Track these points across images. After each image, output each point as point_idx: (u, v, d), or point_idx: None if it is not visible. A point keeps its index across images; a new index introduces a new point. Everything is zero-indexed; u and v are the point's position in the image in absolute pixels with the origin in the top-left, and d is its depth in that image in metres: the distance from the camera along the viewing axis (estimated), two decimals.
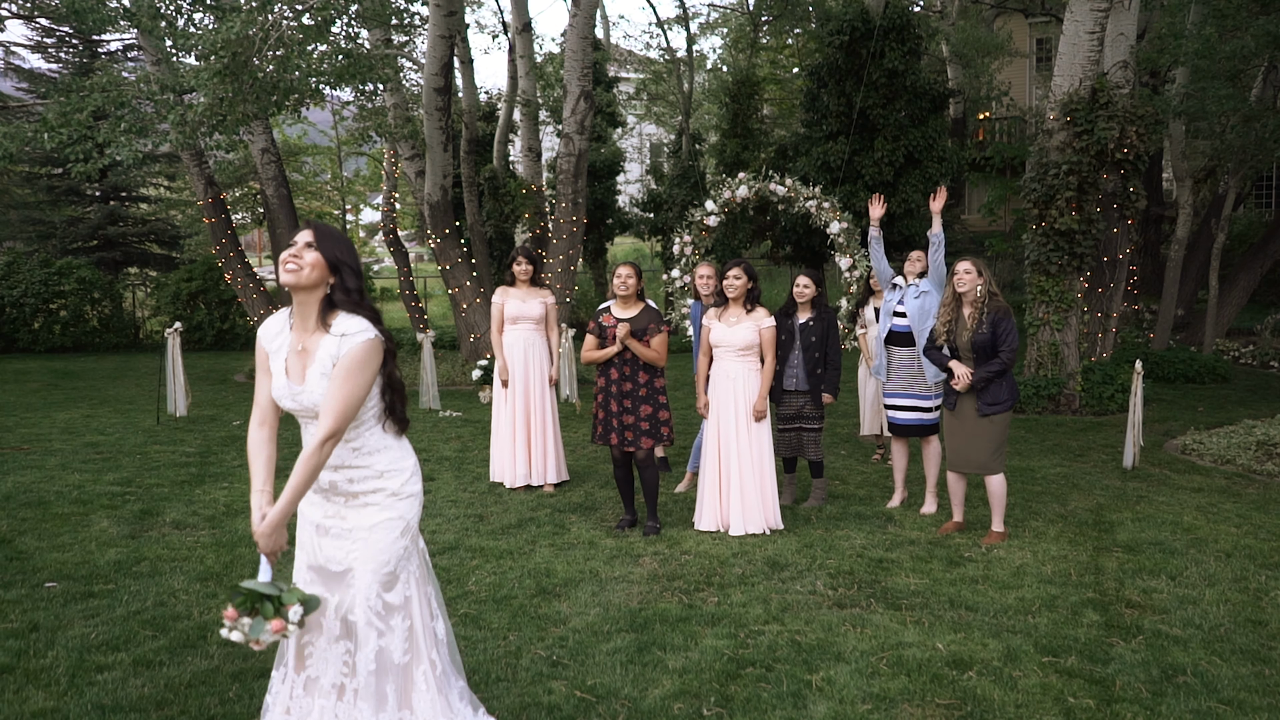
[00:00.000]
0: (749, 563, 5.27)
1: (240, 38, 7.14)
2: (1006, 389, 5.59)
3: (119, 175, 19.18)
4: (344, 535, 2.96)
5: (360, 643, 2.94)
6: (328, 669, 2.95)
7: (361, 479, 2.96)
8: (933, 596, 4.72)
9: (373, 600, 2.94)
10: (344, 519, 2.97)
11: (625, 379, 5.82)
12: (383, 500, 2.98)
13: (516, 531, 5.89)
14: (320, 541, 2.98)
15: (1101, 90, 9.91)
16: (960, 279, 5.68)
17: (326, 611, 2.96)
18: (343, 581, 2.95)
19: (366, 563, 2.94)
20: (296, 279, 2.81)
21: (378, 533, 2.95)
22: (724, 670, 3.85)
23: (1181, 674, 3.86)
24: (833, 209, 9.55)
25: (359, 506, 2.96)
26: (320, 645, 2.95)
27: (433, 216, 12.45)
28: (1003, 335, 5.53)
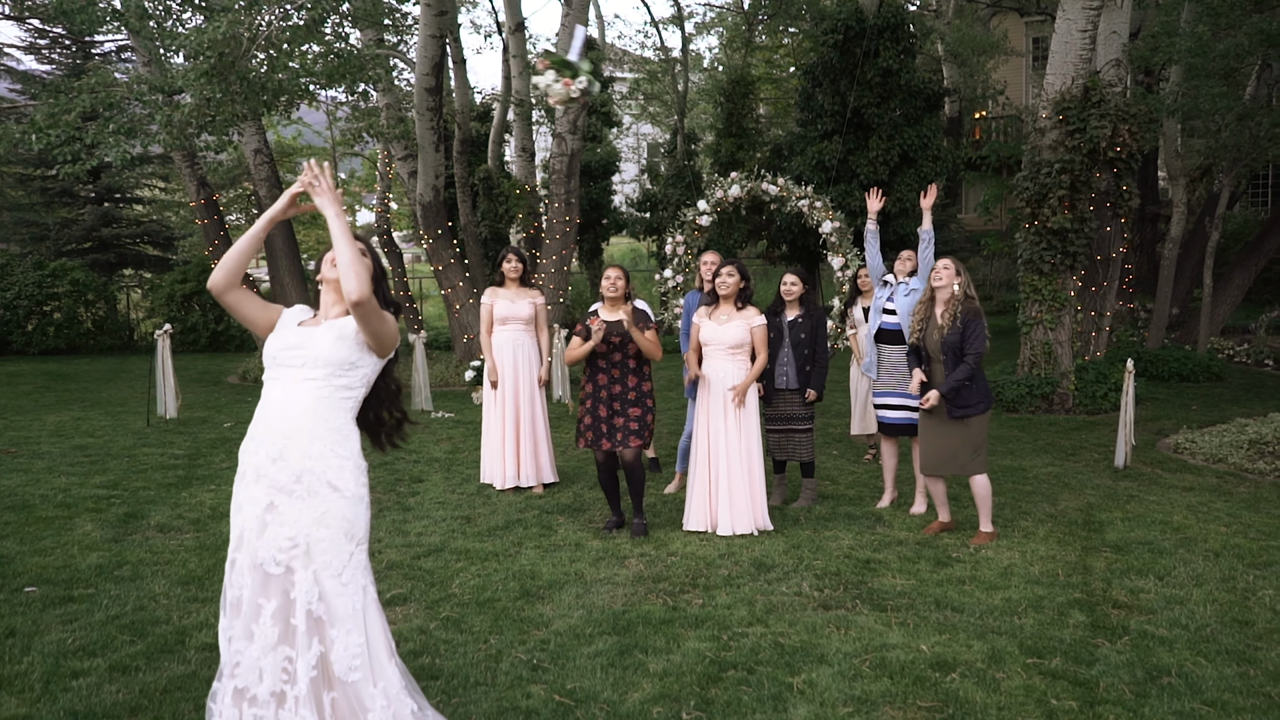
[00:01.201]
0: (735, 564, 5.24)
1: (226, 38, 7.11)
2: (978, 392, 5.57)
3: (113, 177, 19.15)
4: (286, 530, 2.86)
5: (301, 648, 2.85)
6: (265, 678, 2.84)
7: (318, 455, 2.90)
8: (919, 597, 4.69)
9: (314, 604, 2.87)
10: (283, 512, 2.87)
11: (615, 381, 5.79)
12: (326, 493, 2.90)
13: (503, 533, 5.85)
14: (258, 544, 2.88)
15: (1094, 89, 9.89)
16: (939, 274, 5.69)
17: (261, 618, 2.86)
18: (276, 586, 2.87)
19: (304, 565, 2.87)
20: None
21: (322, 530, 2.88)
22: (705, 673, 3.82)
23: (1166, 675, 3.83)
24: (825, 208, 9.51)
25: (303, 497, 2.87)
26: (252, 654, 2.85)
27: (425, 217, 12.42)
28: (970, 337, 5.52)
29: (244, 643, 2.86)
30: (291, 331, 2.98)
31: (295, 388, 2.93)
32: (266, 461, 2.90)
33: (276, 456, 2.89)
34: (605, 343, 5.76)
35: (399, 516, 6.23)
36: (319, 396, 2.94)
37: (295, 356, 2.94)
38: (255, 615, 2.86)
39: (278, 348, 2.96)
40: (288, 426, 2.91)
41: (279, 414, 2.92)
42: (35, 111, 9.07)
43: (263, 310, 3.01)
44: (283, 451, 2.89)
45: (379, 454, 3.33)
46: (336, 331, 2.95)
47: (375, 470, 7.57)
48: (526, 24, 14.56)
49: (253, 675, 2.84)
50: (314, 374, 2.94)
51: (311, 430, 2.92)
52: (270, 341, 2.98)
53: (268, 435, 2.91)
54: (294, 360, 2.94)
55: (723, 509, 5.80)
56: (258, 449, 2.92)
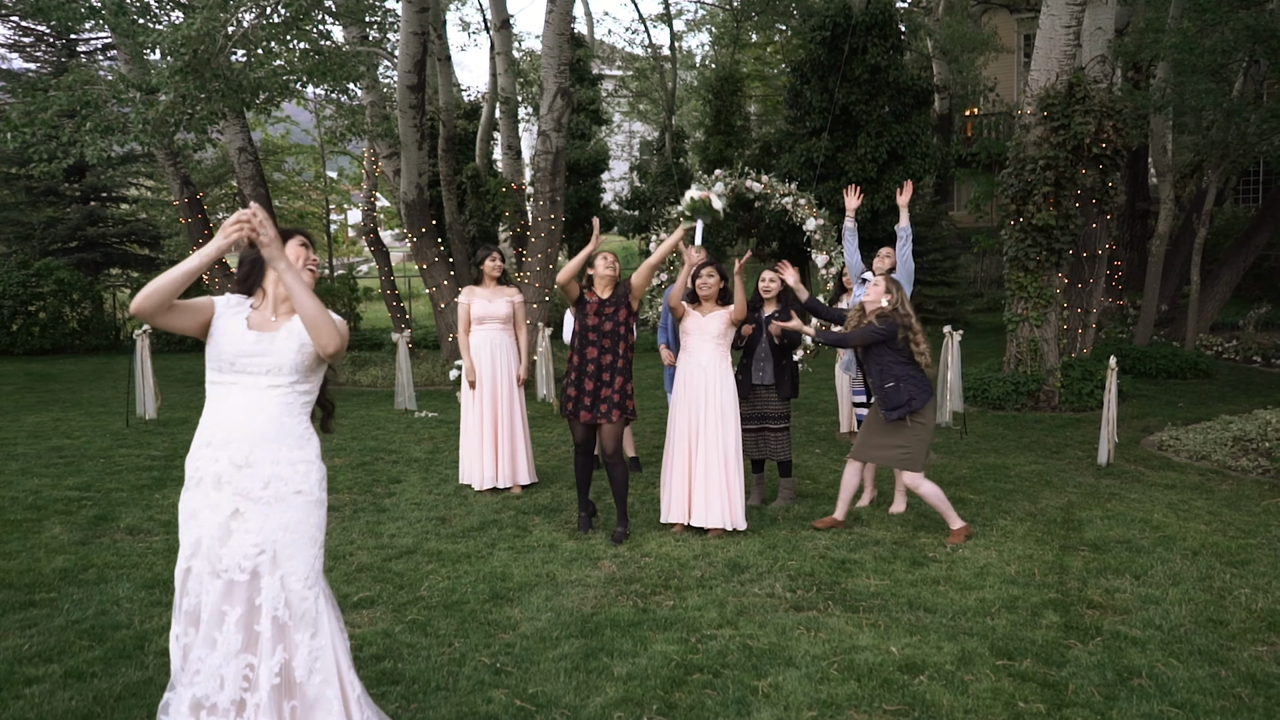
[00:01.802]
0: (710, 565, 5.19)
1: (200, 34, 7.03)
2: (904, 393, 5.55)
3: (98, 176, 19.03)
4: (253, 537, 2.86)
5: (264, 655, 2.84)
6: (226, 686, 2.82)
7: (286, 461, 2.90)
8: (892, 598, 4.64)
9: (280, 610, 2.86)
10: (250, 519, 2.86)
11: (605, 352, 5.70)
12: (292, 499, 2.90)
13: (477, 534, 5.80)
14: (222, 551, 2.86)
15: (1078, 85, 9.85)
16: (868, 291, 5.81)
17: (225, 625, 2.84)
18: (241, 592, 2.85)
19: (271, 571, 2.86)
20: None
21: (290, 536, 2.88)
22: (670, 677, 3.77)
23: (1137, 676, 3.78)
24: (809, 205, 9.46)
25: (270, 503, 2.87)
26: (213, 662, 2.83)
27: (409, 215, 12.34)
28: (861, 330, 5.60)
29: (205, 650, 2.83)
30: (245, 336, 2.90)
31: (258, 394, 2.90)
32: (231, 469, 2.87)
33: (242, 463, 2.87)
34: (598, 315, 5.70)
35: (373, 518, 6.17)
36: (283, 403, 2.94)
37: (258, 364, 2.90)
38: (218, 623, 2.84)
39: (235, 353, 2.90)
40: (253, 433, 2.89)
41: (243, 420, 2.89)
42: (10, 110, 8.98)
43: (193, 315, 2.88)
44: (248, 458, 2.88)
45: (359, 456, 3.30)
46: (299, 340, 2.93)
47: (354, 471, 7.51)
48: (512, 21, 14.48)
49: (213, 683, 2.82)
50: (278, 381, 2.93)
51: (278, 436, 2.91)
52: (222, 344, 2.89)
53: (231, 442, 2.87)
54: (256, 367, 2.90)
55: (698, 499, 5.74)
56: (218, 456, 2.87)
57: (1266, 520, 6.03)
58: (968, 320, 18.69)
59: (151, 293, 2.74)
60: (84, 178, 18.94)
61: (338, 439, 8.88)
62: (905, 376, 5.55)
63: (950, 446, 8.51)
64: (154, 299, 2.73)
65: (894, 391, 5.53)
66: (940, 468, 7.61)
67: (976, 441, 8.74)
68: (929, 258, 19.47)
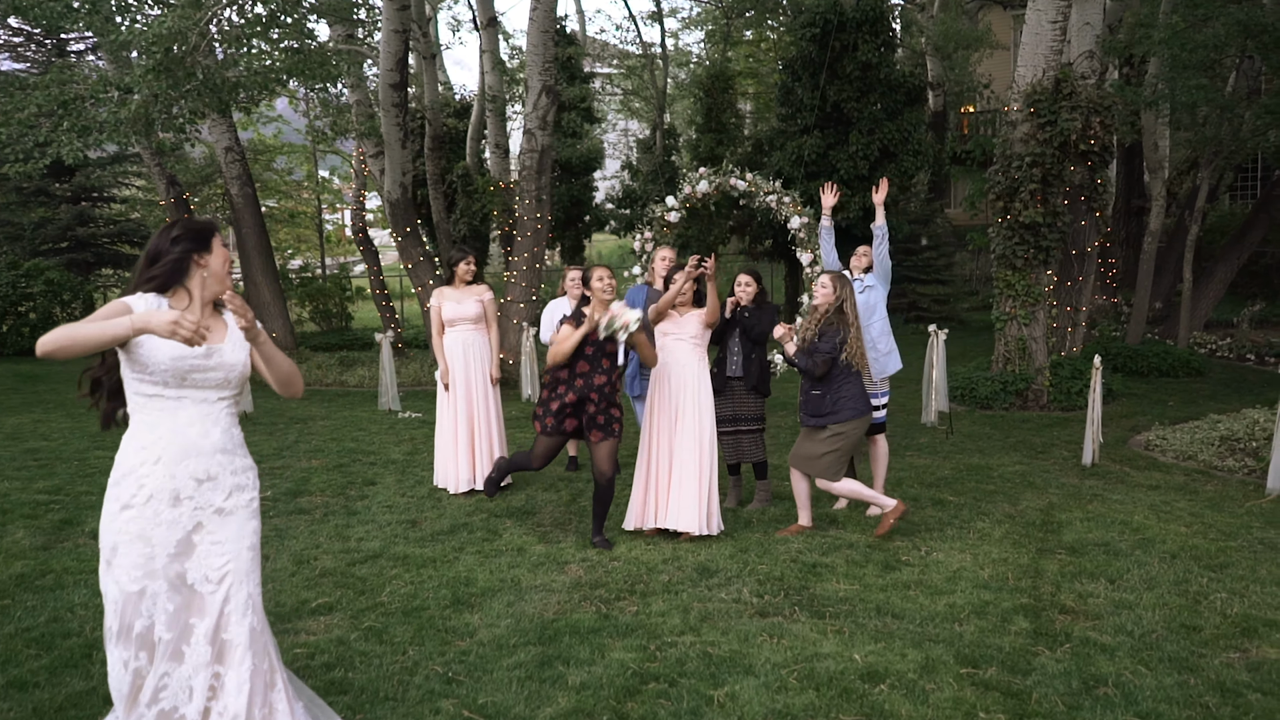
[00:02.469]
0: (678, 569, 5.10)
1: (172, 33, 6.94)
2: (828, 403, 5.50)
3: (87, 176, 18.98)
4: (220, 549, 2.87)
5: (233, 664, 2.85)
6: (194, 697, 2.82)
7: (242, 470, 2.95)
8: (860, 604, 4.55)
9: (250, 618, 2.88)
10: (215, 532, 2.88)
11: (600, 372, 5.49)
12: (246, 510, 2.94)
13: (446, 538, 5.71)
14: (187, 565, 2.85)
15: (1065, 81, 9.75)
16: (817, 291, 5.69)
17: (193, 638, 2.84)
18: (210, 603, 2.85)
19: (241, 580, 2.89)
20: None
21: (246, 543, 2.92)
22: (625, 686, 3.68)
23: (1103, 685, 3.69)
24: (793, 204, 9.37)
25: (232, 513, 2.91)
26: (182, 674, 2.83)
27: (393, 214, 12.26)
28: (822, 343, 5.49)
29: (171, 664, 2.82)
30: (185, 350, 2.80)
31: (209, 407, 2.88)
32: (192, 484, 2.85)
33: (204, 478, 2.87)
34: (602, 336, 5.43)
35: (343, 521, 6.09)
36: (231, 413, 2.97)
37: (210, 378, 2.87)
38: (185, 636, 2.84)
39: (187, 369, 2.81)
40: (212, 447, 2.88)
41: (200, 435, 2.86)
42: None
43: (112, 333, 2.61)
44: (208, 471, 2.87)
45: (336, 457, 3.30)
46: (244, 350, 2.94)
47: (329, 473, 7.43)
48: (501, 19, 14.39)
49: (182, 695, 2.82)
50: (226, 393, 2.94)
51: (233, 447, 2.95)
52: (159, 356, 2.76)
53: (188, 458, 2.84)
54: (208, 381, 2.87)
55: (671, 501, 5.63)
56: (174, 473, 2.83)
57: (1248, 522, 5.94)
58: (962, 318, 18.61)
59: (65, 345, 2.53)
60: (74, 177, 18.87)
61: (316, 441, 8.80)
62: (841, 388, 5.48)
63: (935, 447, 8.42)
64: (67, 353, 2.55)
65: (819, 400, 5.49)
66: (923, 468, 7.52)
67: (962, 441, 8.65)
68: (924, 255, 19.39)
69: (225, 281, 2.93)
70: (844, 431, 5.52)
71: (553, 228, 19.49)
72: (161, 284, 2.83)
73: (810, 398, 5.55)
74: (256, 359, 2.97)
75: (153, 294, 2.81)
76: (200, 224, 2.91)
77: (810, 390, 5.55)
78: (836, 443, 5.51)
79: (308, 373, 13.21)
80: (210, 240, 2.89)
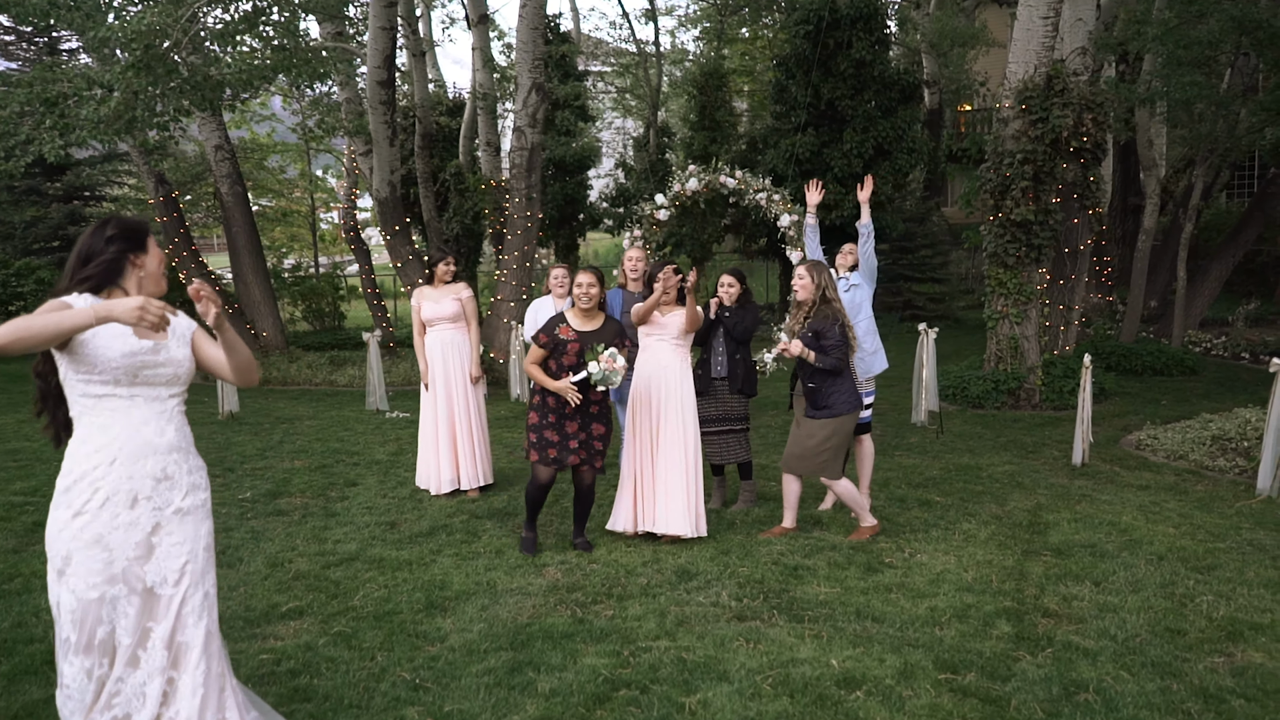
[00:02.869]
0: (657, 571, 5.02)
1: (152, 29, 6.86)
2: (834, 395, 5.41)
3: (78, 175, 18.88)
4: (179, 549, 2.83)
5: (188, 668, 2.81)
6: (148, 703, 2.78)
7: (196, 469, 2.92)
8: (840, 607, 4.47)
9: (207, 620, 2.84)
10: (174, 533, 2.84)
11: (588, 401, 5.28)
12: (202, 510, 2.90)
13: (425, 540, 5.63)
14: (146, 568, 2.80)
15: (1057, 77, 9.66)
16: (795, 284, 5.59)
17: (150, 642, 2.78)
18: (168, 606, 2.81)
19: (199, 581, 2.85)
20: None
21: (202, 544, 2.88)
22: (596, 693, 3.61)
23: (1084, 691, 3.62)
24: (783, 201, 9.29)
25: (189, 513, 2.87)
26: (136, 680, 2.79)
27: (382, 213, 12.19)
28: (826, 345, 5.40)
29: (127, 670, 2.77)
30: (140, 344, 2.76)
31: (161, 404, 2.84)
32: (149, 484, 2.80)
33: (161, 477, 2.82)
34: (578, 358, 5.19)
35: (321, 523, 6.01)
36: (182, 410, 2.93)
37: (160, 374, 2.82)
38: (143, 640, 2.79)
39: (139, 365, 2.76)
40: (168, 445, 2.84)
41: (157, 433, 2.82)
42: None
43: (71, 323, 2.56)
44: (165, 470, 2.83)
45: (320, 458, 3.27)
46: (188, 345, 2.90)
47: (311, 474, 7.35)
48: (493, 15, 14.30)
49: (135, 701, 2.77)
50: (176, 390, 2.89)
51: (187, 445, 2.92)
52: (107, 354, 2.70)
53: (146, 457, 2.79)
54: (158, 378, 2.82)
55: (660, 505, 5.56)
56: (132, 473, 2.77)
57: (1238, 523, 5.87)
58: (957, 317, 18.53)
59: (21, 337, 2.46)
60: (65, 176, 18.77)
61: (300, 441, 8.72)
62: (836, 381, 5.41)
63: (925, 446, 8.34)
64: (22, 346, 2.47)
65: (813, 393, 5.41)
66: (911, 468, 7.45)
67: (952, 441, 8.57)
68: (919, 254, 19.29)
69: (161, 282, 2.87)
70: (837, 426, 5.45)
71: (547, 226, 19.38)
72: (96, 284, 2.76)
73: (807, 391, 5.48)
74: (204, 352, 2.91)
75: (88, 294, 2.73)
76: (135, 223, 2.84)
77: (808, 384, 5.46)
78: (830, 440, 5.44)
79: (298, 372, 13.13)
80: (145, 240, 2.83)
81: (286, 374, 13.10)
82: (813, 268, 5.51)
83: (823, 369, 5.39)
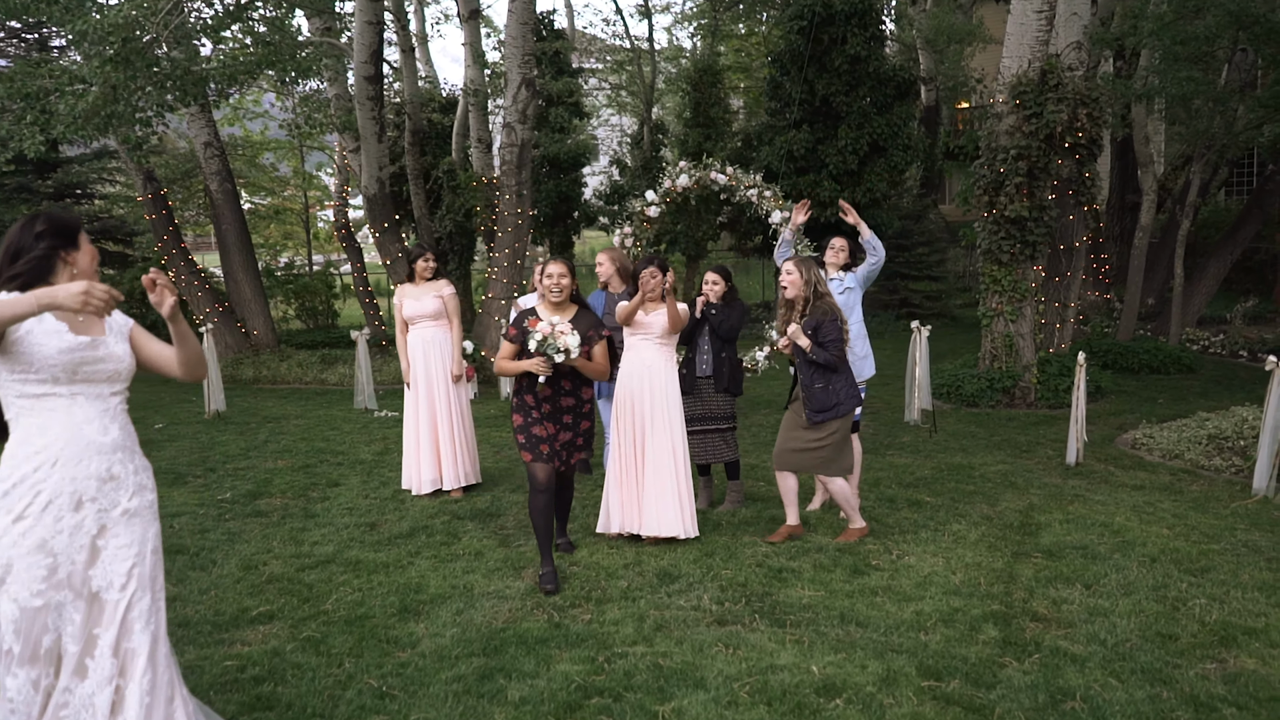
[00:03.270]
0: (639, 574, 4.91)
1: (128, 22, 6.74)
2: (834, 396, 5.29)
3: (68, 172, 18.76)
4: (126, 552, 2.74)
5: (134, 675, 2.72)
6: (95, 715, 2.70)
7: (142, 469, 2.83)
8: (824, 611, 4.36)
9: (154, 626, 2.77)
10: (120, 535, 2.75)
11: (565, 394, 4.97)
12: (150, 511, 2.82)
13: (404, 541, 5.53)
14: (91, 572, 2.71)
15: (1051, 72, 9.55)
16: (784, 281, 5.46)
17: (98, 650, 2.68)
18: (114, 611, 2.72)
19: (146, 585, 2.77)
20: None
21: (150, 546, 2.80)
22: (567, 701, 3.50)
23: (1070, 699, 3.51)
24: (774, 198, 9.16)
25: (136, 514, 2.78)
26: (85, 690, 2.70)
27: (370, 210, 12.07)
28: (825, 341, 5.28)
29: (74, 680, 2.68)
30: (77, 341, 2.68)
31: (103, 402, 2.75)
32: (93, 485, 2.71)
33: (106, 478, 2.73)
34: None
35: (299, 524, 5.90)
36: (124, 409, 2.84)
37: (100, 370, 2.73)
38: (90, 648, 2.70)
39: (77, 361, 2.68)
40: (113, 443, 2.75)
41: (100, 432, 2.73)
42: None
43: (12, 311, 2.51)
44: (110, 470, 2.74)
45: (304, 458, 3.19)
46: (127, 341, 2.83)
47: (293, 474, 7.25)
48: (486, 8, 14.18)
49: (85, 713, 2.69)
50: (117, 387, 2.81)
51: (131, 444, 2.83)
52: (43, 351, 2.63)
53: (90, 458, 2.69)
54: (98, 375, 2.73)
55: (648, 508, 5.45)
56: (74, 474, 2.68)
57: (1233, 524, 5.76)
58: (954, 315, 18.42)
59: None
60: (55, 174, 18.65)
61: (286, 440, 8.61)
62: (836, 378, 5.29)
63: (917, 446, 8.23)
64: None
65: (823, 393, 5.27)
66: (902, 468, 7.34)
67: (945, 440, 8.46)
68: (916, 251, 19.18)
69: (94, 280, 2.76)
70: (841, 424, 5.34)
71: (541, 224, 19.26)
72: (25, 283, 2.67)
73: (814, 392, 5.29)
74: (146, 348, 2.82)
75: (16, 292, 2.62)
76: (66, 219, 2.74)
77: (814, 384, 5.30)
78: (834, 435, 5.32)
79: (288, 371, 13.02)
80: (77, 236, 2.73)
81: (276, 373, 12.99)
82: (801, 263, 5.40)
83: (823, 366, 5.27)
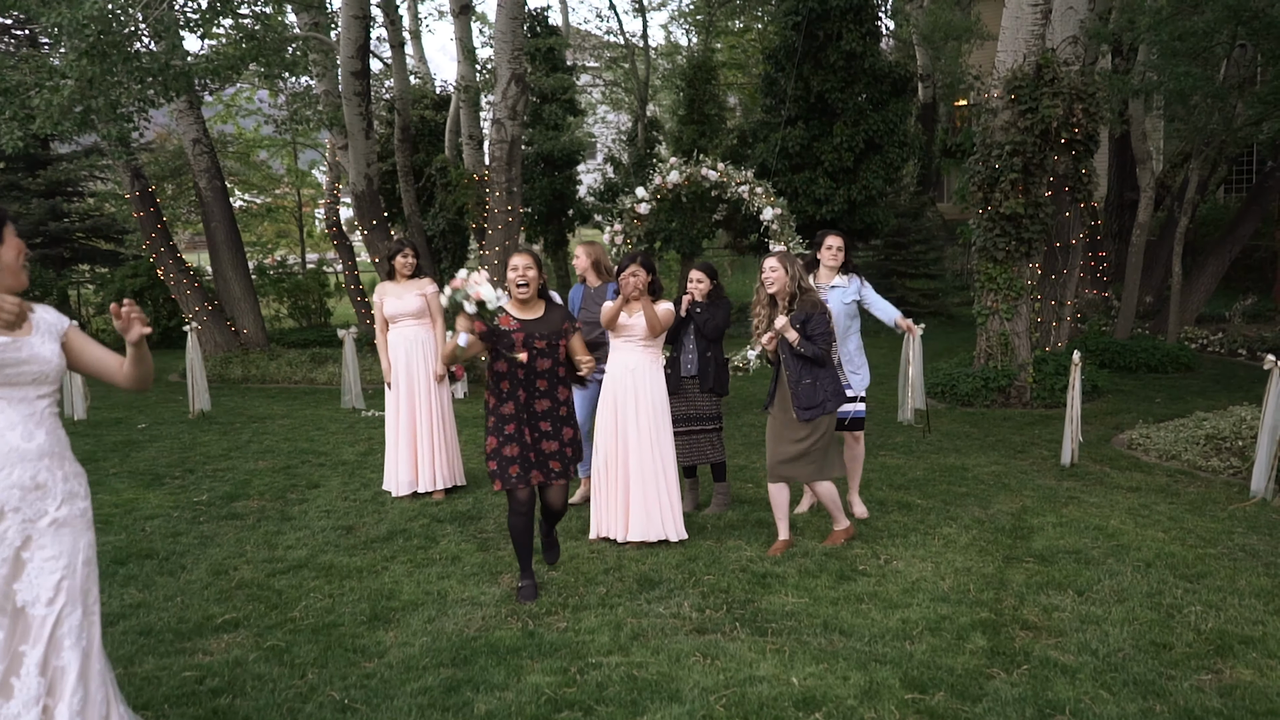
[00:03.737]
0: (619, 579, 4.78)
1: (101, 14, 6.60)
2: (822, 391, 5.13)
3: (58, 169, 18.62)
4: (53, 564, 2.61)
5: (64, 694, 2.58)
6: None
7: (74, 476, 2.71)
8: (807, 618, 4.23)
9: (85, 642, 2.63)
10: (48, 547, 2.61)
11: (540, 396, 4.55)
12: (81, 520, 2.68)
13: (380, 545, 5.39)
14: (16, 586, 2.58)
15: (1047, 66, 9.40)
16: (767, 277, 5.26)
17: (24, 669, 2.55)
18: (41, 627, 2.58)
19: (76, 600, 2.64)
20: None
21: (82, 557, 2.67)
22: (535, 715, 3.36)
23: (1059, 713, 3.37)
24: (766, 194, 9.04)
25: (65, 524, 2.64)
26: (10, 711, 2.59)
27: (358, 207, 11.94)
28: (813, 334, 5.12)
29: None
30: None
31: (28, 406, 2.63)
32: (17, 494, 2.58)
33: (31, 486, 2.60)
34: (527, 348, 4.49)
35: (274, 528, 5.77)
36: (53, 413, 2.72)
37: (23, 373, 2.61)
38: (15, 667, 2.57)
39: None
40: (39, 450, 2.63)
41: (22, 439, 2.60)
42: None
43: None
44: (36, 478, 2.61)
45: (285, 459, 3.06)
46: (55, 342, 2.69)
47: (273, 475, 7.11)
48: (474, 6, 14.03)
49: None
50: (44, 390, 2.68)
51: (61, 450, 2.70)
52: None
53: (13, 465, 2.57)
54: (21, 377, 2.61)
55: (635, 512, 5.32)
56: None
57: (1230, 527, 5.62)
58: (951, 313, 18.26)
59: None
60: (45, 171, 18.51)
61: (269, 440, 8.48)
62: (824, 374, 5.15)
63: (910, 446, 8.09)
64: None
65: (811, 389, 5.12)
66: (894, 469, 7.20)
67: (939, 440, 8.33)
68: (913, 249, 19.03)
69: (20, 276, 2.63)
70: (829, 423, 5.21)
71: (535, 221, 19.12)
72: None
73: (802, 389, 5.14)
74: (84, 352, 2.69)
75: None
76: None
77: (801, 380, 5.15)
78: (823, 438, 5.17)
79: (277, 370, 12.88)
80: (1, 229, 2.59)
81: (266, 372, 12.85)
82: (784, 258, 5.25)
83: (811, 360, 5.12)
